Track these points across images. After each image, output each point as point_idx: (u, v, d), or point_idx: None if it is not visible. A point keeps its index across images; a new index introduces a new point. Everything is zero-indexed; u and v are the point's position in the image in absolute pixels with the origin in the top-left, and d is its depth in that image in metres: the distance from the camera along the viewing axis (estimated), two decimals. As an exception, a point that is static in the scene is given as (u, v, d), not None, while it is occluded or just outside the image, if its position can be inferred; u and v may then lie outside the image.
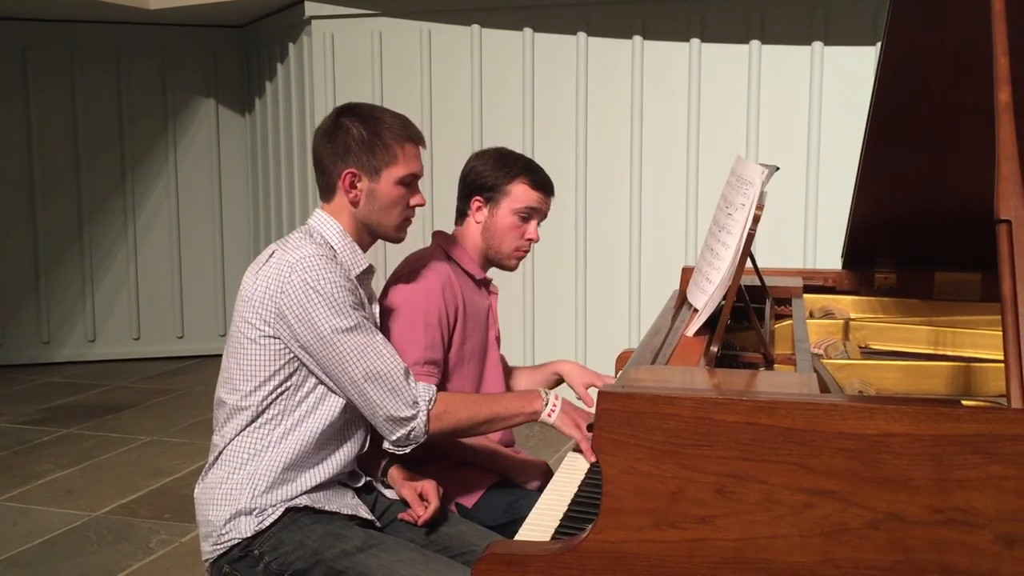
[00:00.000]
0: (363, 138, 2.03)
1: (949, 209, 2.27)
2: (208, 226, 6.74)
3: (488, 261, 2.43)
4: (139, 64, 6.47)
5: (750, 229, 1.80)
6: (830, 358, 2.09)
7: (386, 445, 2.02)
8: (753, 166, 1.89)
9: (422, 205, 2.12)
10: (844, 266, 2.64)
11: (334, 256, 2.01)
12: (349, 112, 2.09)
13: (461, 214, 2.44)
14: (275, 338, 1.96)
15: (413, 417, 1.95)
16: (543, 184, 2.41)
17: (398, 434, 1.97)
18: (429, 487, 2.10)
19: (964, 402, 1.67)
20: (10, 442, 4.86)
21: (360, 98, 5.88)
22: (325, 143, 2.07)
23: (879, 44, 4.55)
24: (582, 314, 5.19)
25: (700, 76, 4.88)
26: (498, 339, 2.49)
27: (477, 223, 2.40)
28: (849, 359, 2.11)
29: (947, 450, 1.27)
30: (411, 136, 2.08)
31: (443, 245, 2.41)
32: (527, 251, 2.44)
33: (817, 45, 4.69)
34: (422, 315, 2.21)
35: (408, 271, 2.29)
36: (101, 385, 6.03)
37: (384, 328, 2.22)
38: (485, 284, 2.45)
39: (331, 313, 1.92)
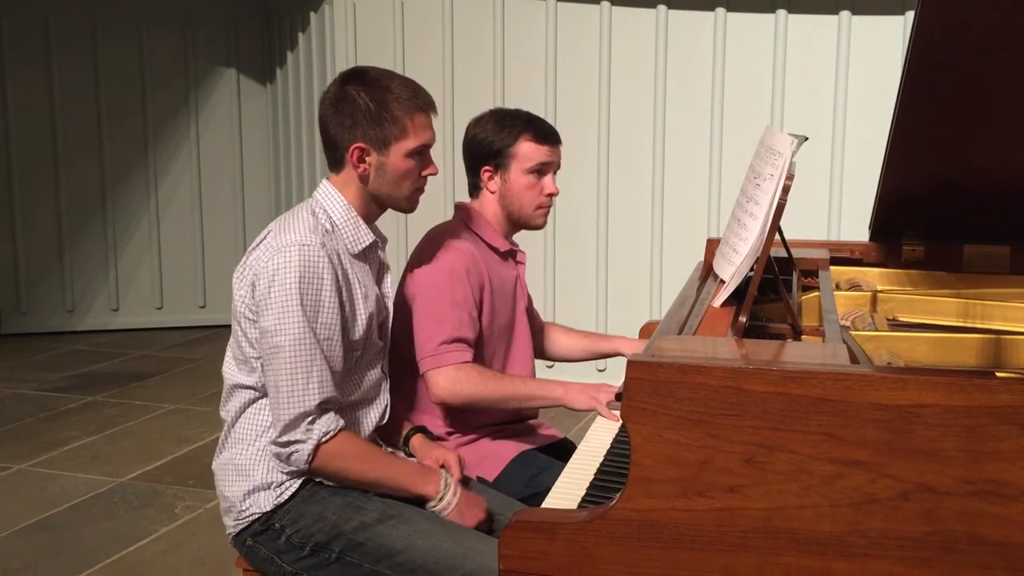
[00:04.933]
0: (370, 109, 1.95)
1: (979, 182, 2.24)
2: (229, 196, 6.74)
3: (513, 227, 2.38)
4: (161, 32, 6.44)
5: (780, 199, 1.78)
6: (858, 330, 2.08)
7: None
8: (783, 136, 1.87)
9: (434, 174, 2.05)
10: (871, 238, 2.61)
11: (332, 230, 1.97)
12: (355, 79, 1.99)
13: (474, 187, 2.38)
14: None
15: (300, 442, 1.89)
16: (548, 136, 2.33)
17: (281, 448, 1.91)
18: (451, 458, 2.09)
19: (997, 374, 1.66)
20: (35, 409, 4.91)
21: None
22: (331, 113, 1.99)
23: (908, 14, 4.51)
24: (603, 286, 5.18)
25: (725, 46, 4.82)
26: (528, 308, 2.45)
27: (492, 193, 2.34)
28: (877, 331, 2.09)
29: (980, 421, 1.26)
30: (421, 105, 1.99)
31: (465, 219, 2.36)
32: (549, 206, 2.37)
33: (845, 15, 4.62)
34: (448, 296, 2.18)
35: (431, 252, 2.25)
36: (125, 354, 6.08)
37: (410, 312, 2.20)
38: (511, 255, 2.40)
39: (279, 308, 1.87)
